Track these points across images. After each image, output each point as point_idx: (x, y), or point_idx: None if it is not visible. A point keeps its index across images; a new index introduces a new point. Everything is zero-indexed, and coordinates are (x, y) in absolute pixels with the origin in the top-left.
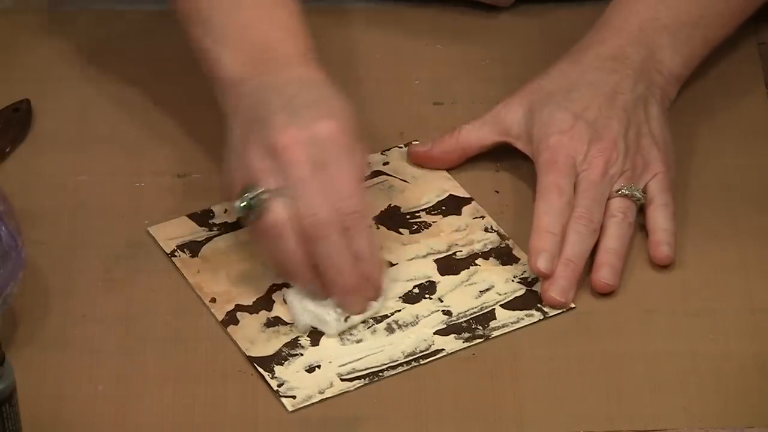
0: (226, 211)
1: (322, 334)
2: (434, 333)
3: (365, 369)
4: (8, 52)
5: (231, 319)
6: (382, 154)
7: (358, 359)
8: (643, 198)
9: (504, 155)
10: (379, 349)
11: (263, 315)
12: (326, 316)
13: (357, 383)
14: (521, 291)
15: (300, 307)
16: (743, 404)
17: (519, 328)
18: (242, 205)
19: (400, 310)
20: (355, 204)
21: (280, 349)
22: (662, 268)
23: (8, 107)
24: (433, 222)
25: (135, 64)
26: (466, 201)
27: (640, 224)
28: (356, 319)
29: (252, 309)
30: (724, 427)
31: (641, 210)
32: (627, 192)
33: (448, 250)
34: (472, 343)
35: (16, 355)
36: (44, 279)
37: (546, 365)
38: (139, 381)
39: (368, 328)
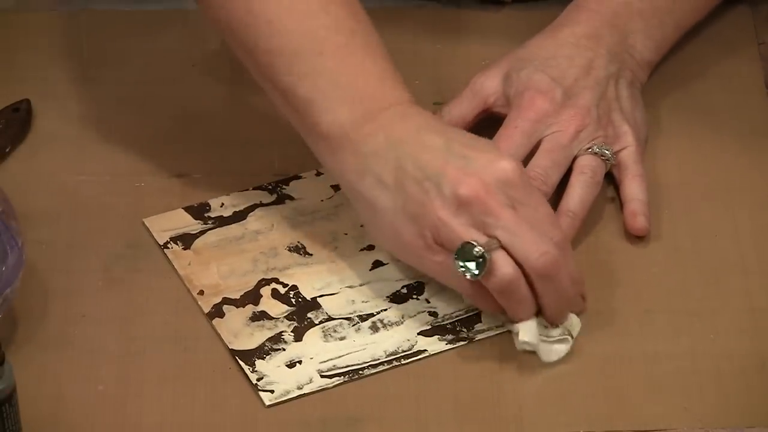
0: (222, 204)
1: (306, 329)
2: (418, 333)
3: (346, 366)
4: (8, 52)
5: (217, 311)
6: None
7: (340, 356)
8: (613, 159)
9: None
10: (361, 347)
11: (249, 309)
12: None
13: (336, 380)
14: None
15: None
16: (743, 404)
17: (503, 332)
18: (464, 270)
19: (386, 309)
20: (561, 231)
21: (263, 343)
22: (662, 267)
23: (8, 107)
24: None
25: (135, 64)
26: None
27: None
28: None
29: (239, 303)
30: (724, 427)
31: (613, 182)
32: (597, 150)
33: None
34: (455, 346)
35: (16, 355)
36: (44, 279)
37: (546, 365)
38: (139, 381)
39: (353, 326)
